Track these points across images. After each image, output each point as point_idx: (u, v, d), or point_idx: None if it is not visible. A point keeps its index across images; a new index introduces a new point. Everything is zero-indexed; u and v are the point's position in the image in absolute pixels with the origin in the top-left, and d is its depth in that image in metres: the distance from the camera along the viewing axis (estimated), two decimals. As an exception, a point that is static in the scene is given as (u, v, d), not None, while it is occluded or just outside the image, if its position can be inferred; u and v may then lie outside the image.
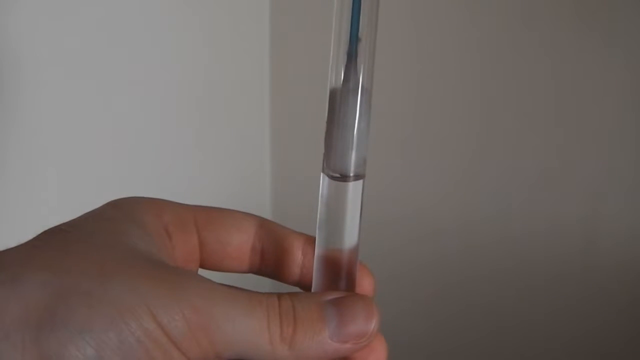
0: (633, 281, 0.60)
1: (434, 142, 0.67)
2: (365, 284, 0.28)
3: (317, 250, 0.26)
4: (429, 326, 0.70)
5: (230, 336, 0.23)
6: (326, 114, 0.25)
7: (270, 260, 0.29)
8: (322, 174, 0.26)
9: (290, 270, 0.29)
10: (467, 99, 0.64)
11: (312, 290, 0.27)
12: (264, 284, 0.30)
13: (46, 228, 0.24)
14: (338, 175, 0.25)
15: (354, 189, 0.26)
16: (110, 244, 0.23)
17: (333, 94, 0.25)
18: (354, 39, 0.24)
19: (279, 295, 0.24)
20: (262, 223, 0.29)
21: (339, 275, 0.26)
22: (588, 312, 0.62)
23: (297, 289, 0.29)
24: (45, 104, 0.50)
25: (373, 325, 0.25)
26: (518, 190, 0.63)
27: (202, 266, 0.29)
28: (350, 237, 0.26)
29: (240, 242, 0.28)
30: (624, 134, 0.58)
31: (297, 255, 0.28)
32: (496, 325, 0.67)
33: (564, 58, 0.59)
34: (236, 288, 0.24)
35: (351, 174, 0.25)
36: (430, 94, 0.66)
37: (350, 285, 0.27)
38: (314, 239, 0.28)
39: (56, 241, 0.23)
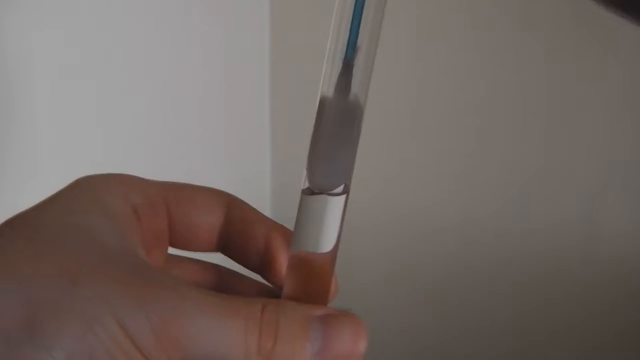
0: (632, 280, 0.59)
1: (433, 142, 0.67)
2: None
3: (291, 251, 0.25)
4: (427, 325, 0.70)
5: (201, 348, 0.21)
6: (313, 123, 0.23)
7: (235, 244, 0.27)
8: (302, 187, 0.24)
9: (250, 257, 0.27)
10: (466, 99, 0.64)
11: (284, 291, 0.26)
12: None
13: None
14: (317, 191, 0.23)
15: (333, 205, 0.24)
16: (80, 244, 0.22)
17: (322, 104, 0.22)
18: (352, 46, 0.21)
19: (264, 304, 0.22)
20: (231, 203, 0.28)
21: (311, 281, 0.25)
22: (587, 312, 0.62)
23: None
24: (44, 105, 0.50)
25: (359, 350, 0.23)
26: (518, 190, 0.63)
27: (172, 245, 0.28)
28: (324, 247, 0.24)
29: (210, 224, 0.27)
30: (624, 134, 0.57)
31: (259, 242, 0.27)
32: (495, 324, 0.67)
33: (564, 58, 0.59)
34: (214, 293, 0.22)
35: (331, 192, 0.23)
36: (430, 93, 0.66)
37: (324, 292, 0.25)
38: (281, 227, 0.27)
39: (25, 241, 0.22)
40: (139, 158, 0.59)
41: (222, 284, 0.29)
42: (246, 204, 0.28)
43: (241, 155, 0.73)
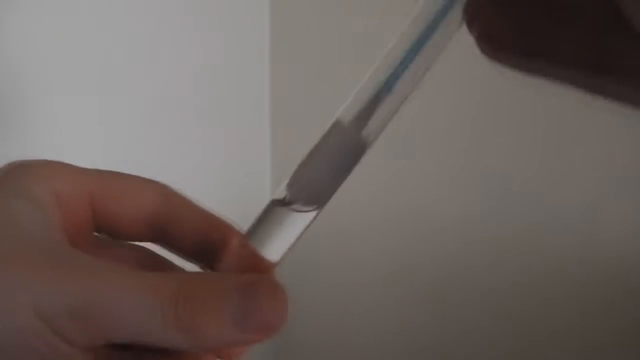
0: (632, 280, 0.59)
1: (433, 142, 0.67)
2: None
3: (238, 242, 0.25)
4: (427, 325, 0.70)
5: (120, 324, 0.21)
6: (319, 137, 0.23)
7: (170, 233, 0.27)
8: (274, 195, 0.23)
9: (186, 246, 0.27)
10: (466, 98, 0.64)
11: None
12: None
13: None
14: (288, 203, 0.23)
15: (297, 222, 0.23)
16: (1, 230, 0.22)
17: (334, 128, 0.22)
18: (388, 87, 0.22)
19: (180, 278, 0.22)
20: (164, 193, 0.27)
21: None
22: (586, 311, 0.62)
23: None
24: (44, 104, 0.50)
25: (278, 318, 0.22)
26: (518, 190, 0.63)
27: (101, 233, 0.27)
28: (271, 256, 0.24)
29: (139, 215, 0.26)
30: (624, 134, 0.57)
31: (195, 231, 0.27)
32: (495, 324, 0.67)
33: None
34: (131, 271, 0.22)
35: (301, 210, 0.23)
36: (429, 92, 0.66)
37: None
38: (217, 217, 0.27)
39: None
40: (139, 157, 0.59)
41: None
42: (180, 193, 0.27)
43: (241, 155, 0.73)
